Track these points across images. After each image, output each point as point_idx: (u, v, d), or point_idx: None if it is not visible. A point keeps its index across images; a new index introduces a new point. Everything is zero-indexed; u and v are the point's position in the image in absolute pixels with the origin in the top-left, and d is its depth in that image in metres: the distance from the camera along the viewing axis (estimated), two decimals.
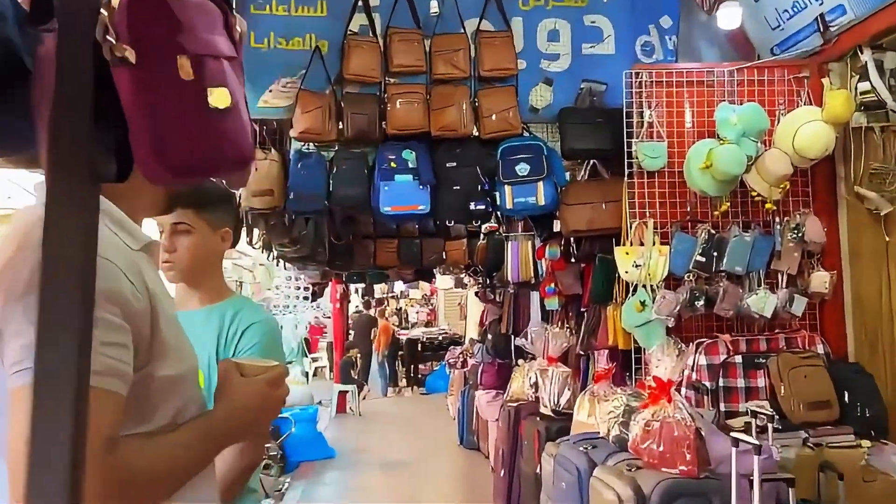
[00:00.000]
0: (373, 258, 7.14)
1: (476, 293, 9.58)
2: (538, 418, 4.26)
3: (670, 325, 3.52)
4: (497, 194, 3.99)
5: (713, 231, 3.64)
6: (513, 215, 4.16)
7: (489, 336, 8.18)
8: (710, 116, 3.71)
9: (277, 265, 7.01)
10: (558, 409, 4.18)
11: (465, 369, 9.87)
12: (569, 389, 4.21)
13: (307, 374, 10.39)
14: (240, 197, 4.07)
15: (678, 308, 3.52)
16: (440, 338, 15.70)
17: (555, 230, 4.51)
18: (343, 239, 6.03)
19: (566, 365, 4.53)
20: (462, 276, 11.31)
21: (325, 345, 14.62)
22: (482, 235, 7.00)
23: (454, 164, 3.99)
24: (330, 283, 11.54)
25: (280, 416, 7.55)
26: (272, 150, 4.09)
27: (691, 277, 3.59)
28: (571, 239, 4.50)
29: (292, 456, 7.48)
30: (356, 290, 18.76)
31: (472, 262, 7.64)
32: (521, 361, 7.25)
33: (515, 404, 4.68)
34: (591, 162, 4.26)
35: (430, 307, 23.10)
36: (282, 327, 10.66)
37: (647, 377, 3.17)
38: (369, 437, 9.29)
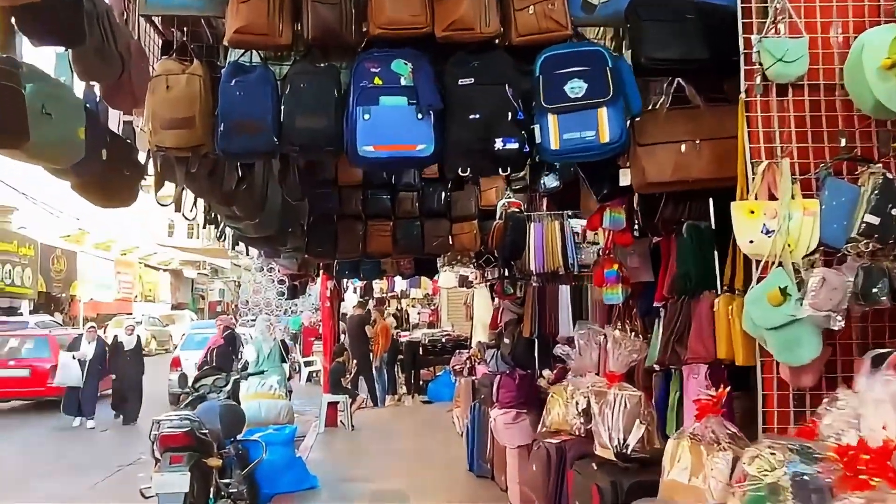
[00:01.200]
0: (362, 244, 5.78)
1: (492, 286, 8.17)
2: (594, 465, 2.89)
3: (835, 328, 2.14)
4: (536, 127, 2.64)
5: (889, 175, 2.26)
6: (560, 160, 2.80)
7: (505, 340, 6.77)
8: (873, 0, 2.38)
9: (234, 248, 5.57)
10: (626, 454, 2.79)
11: (473, 377, 8.54)
12: (642, 423, 2.83)
13: (288, 381, 8.93)
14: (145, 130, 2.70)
15: (845, 299, 2.13)
16: (443, 340, 14.36)
17: (620, 185, 3.10)
18: (299, 199, 4.50)
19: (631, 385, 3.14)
20: (469, 270, 9.98)
21: (321, 347, 13.18)
22: (499, 214, 5.59)
23: (470, 80, 2.69)
24: (320, 279, 10.17)
25: (250, 438, 6.25)
26: (194, 60, 2.71)
27: (862, 248, 2.21)
28: (636, 200, 3.13)
29: (265, 487, 6.13)
30: (354, 290, 17.39)
31: (484, 250, 6.24)
32: (546, 373, 5.86)
33: (557, 440, 3.29)
34: (676, 81, 2.87)
35: (433, 307, 21.79)
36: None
37: (815, 412, 1.82)
38: (361, 458, 7.90)
